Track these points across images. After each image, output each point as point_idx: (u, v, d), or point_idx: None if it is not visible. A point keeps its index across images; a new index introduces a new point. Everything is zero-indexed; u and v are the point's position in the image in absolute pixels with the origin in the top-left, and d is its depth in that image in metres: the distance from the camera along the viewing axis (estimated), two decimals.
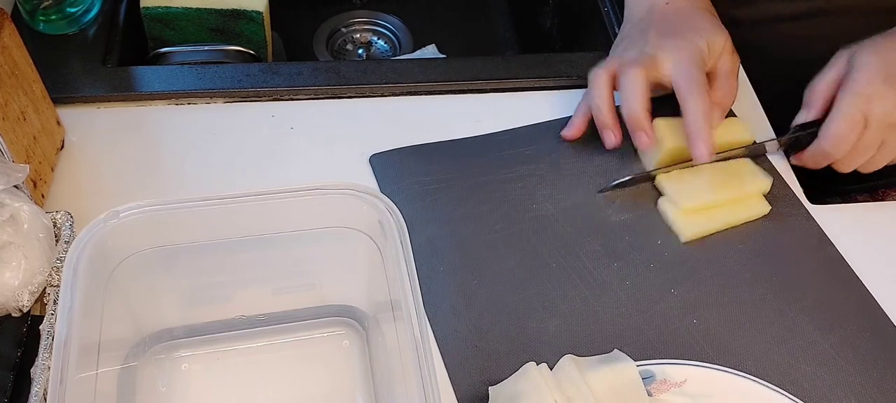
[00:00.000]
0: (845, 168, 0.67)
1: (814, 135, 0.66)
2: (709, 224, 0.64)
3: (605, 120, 0.66)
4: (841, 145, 0.64)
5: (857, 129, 0.63)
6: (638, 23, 0.71)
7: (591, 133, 0.70)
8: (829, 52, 0.68)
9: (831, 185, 0.74)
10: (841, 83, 0.65)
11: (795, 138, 0.68)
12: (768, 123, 0.74)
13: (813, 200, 0.69)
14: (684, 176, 0.66)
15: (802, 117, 0.67)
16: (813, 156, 0.67)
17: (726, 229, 0.65)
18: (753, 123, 0.72)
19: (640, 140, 0.65)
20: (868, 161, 0.66)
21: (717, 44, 0.66)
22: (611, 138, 0.67)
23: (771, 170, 0.70)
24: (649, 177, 0.67)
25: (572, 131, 0.69)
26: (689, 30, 0.67)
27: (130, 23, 0.78)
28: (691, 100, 0.63)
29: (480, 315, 0.58)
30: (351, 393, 0.55)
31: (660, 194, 0.66)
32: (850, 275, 0.63)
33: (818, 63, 0.68)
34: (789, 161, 0.70)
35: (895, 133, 0.64)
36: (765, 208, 0.66)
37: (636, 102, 0.64)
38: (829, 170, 0.69)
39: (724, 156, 0.67)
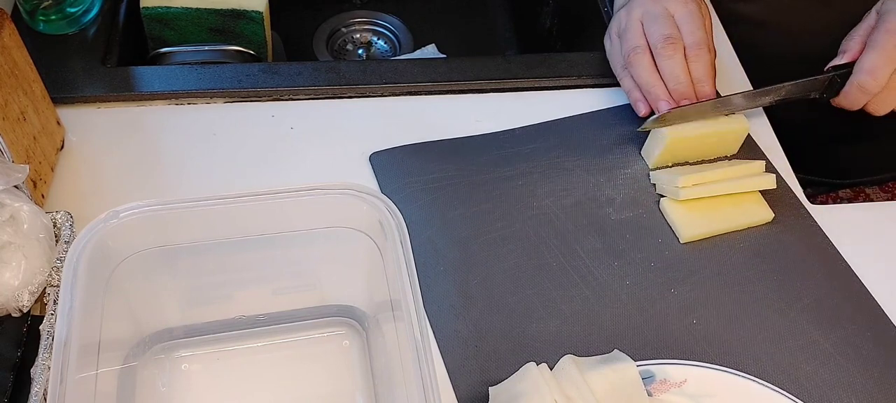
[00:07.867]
0: (880, 109, 0.68)
1: (847, 77, 0.67)
2: (710, 225, 0.64)
3: (661, 92, 0.67)
4: (875, 77, 0.65)
5: (891, 63, 0.65)
6: None
7: (590, 130, 0.70)
8: (830, 44, 0.69)
9: (844, 177, 0.75)
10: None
11: (830, 79, 0.69)
12: (765, 117, 0.74)
13: (814, 201, 0.69)
14: (686, 170, 0.67)
15: (838, 60, 0.69)
16: (849, 95, 0.68)
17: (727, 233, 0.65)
18: (750, 116, 0.72)
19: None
20: None
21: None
22: (665, 106, 0.67)
23: (771, 170, 0.70)
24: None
25: (646, 110, 0.69)
26: None
27: (130, 23, 0.78)
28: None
29: (480, 315, 0.58)
30: (351, 393, 0.55)
31: (661, 195, 0.66)
32: (850, 275, 0.63)
33: (818, 56, 0.69)
34: (830, 104, 0.70)
35: None
36: (768, 214, 0.65)
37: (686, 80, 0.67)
38: (836, 171, 0.69)
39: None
